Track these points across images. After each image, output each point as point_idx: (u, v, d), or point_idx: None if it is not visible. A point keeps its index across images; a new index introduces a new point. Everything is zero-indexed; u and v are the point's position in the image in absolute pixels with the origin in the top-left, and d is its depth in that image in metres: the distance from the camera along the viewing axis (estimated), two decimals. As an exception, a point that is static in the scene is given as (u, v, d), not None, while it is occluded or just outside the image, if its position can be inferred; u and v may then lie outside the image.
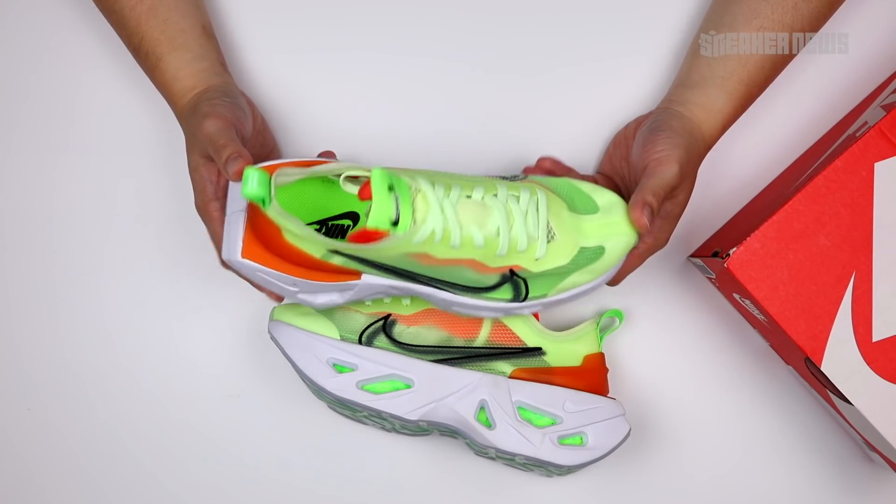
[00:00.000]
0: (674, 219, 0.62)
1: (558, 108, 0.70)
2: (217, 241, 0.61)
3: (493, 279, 0.58)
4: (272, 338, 0.64)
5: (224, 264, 0.61)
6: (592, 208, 0.61)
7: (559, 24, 0.71)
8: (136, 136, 0.70)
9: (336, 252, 0.55)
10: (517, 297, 0.59)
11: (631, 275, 0.69)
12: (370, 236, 0.54)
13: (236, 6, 0.70)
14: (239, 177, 0.54)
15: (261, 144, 0.64)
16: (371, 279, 0.57)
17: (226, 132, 0.57)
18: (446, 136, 0.70)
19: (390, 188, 0.54)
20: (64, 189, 0.70)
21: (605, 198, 0.61)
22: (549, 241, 0.58)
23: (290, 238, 0.55)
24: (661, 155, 0.59)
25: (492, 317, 0.61)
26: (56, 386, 0.70)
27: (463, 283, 0.58)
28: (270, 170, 0.56)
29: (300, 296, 0.59)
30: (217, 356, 0.70)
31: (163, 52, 0.62)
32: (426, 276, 0.58)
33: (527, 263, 0.58)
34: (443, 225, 0.55)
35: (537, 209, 0.58)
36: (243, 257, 0.56)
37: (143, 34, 0.63)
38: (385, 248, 0.54)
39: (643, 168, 0.59)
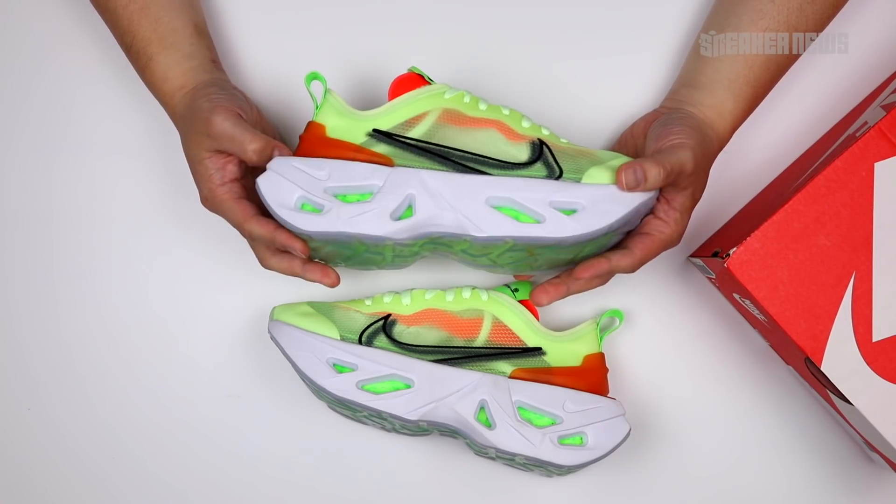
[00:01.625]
0: (687, 211, 0.61)
1: (559, 107, 0.70)
2: (235, 219, 0.61)
3: (524, 150, 0.60)
4: (272, 338, 0.64)
5: (252, 242, 0.62)
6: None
7: (560, 24, 0.71)
8: (135, 137, 0.70)
9: (375, 136, 0.60)
10: (552, 175, 0.59)
11: (631, 275, 0.69)
12: (410, 82, 0.61)
13: (235, 4, 0.70)
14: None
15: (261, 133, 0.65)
16: (402, 169, 0.59)
17: (241, 125, 0.59)
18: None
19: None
20: (64, 189, 0.70)
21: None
22: (567, 142, 0.62)
23: (331, 133, 0.60)
24: (675, 141, 0.59)
25: (534, 219, 0.58)
26: (56, 386, 0.70)
27: (496, 157, 0.59)
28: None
29: (327, 202, 0.58)
30: (217, 356, 0.70)
31: (153, 52, 0.63)
32: (458, 152, 0.59)
33: (552, 141, 0.61)
34: (471, 96, 0.61)
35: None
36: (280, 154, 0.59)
37: (134, 33, 0.63)
38: (421, 96, 0.60)
39: (655, 152, 0.59)
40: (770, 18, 0.63)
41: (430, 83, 0.61)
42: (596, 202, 0.58)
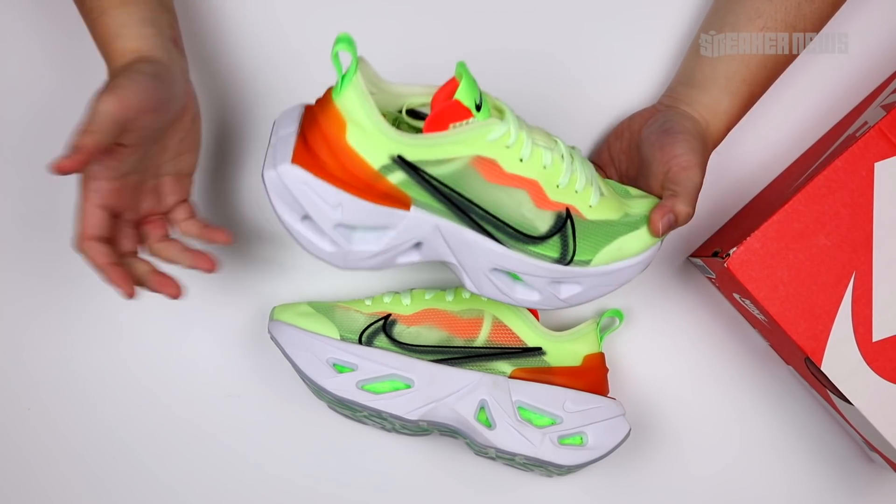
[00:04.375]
0: None
1: (558, 107, 0.70)
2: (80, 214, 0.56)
3: (546, 221, 0.57)
4: (272, 338, 0.64)
5: (80, 242, 0.56)
6: (626, 193, 0.62)
7: (558, 23, 0.71)
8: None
9: (398, 162, 0.53)
10: (563, 258, 0.57)
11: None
12: (452, 113, 0.54)
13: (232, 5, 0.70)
14: (59, 172, 0.52)
15: (179, 141, 0.60)
16: (418, 214, 0.55)
17: (101, 112, 0.53)
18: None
19: (474, 90, 0.55)
20: (64, 188, 0.70)
21: (636, 190, 0.62)
22: (601, 195, 0.59)
23: (352, 139, 0.53)
24: (684, 161, 0.59)
25: (528, 289, 0.59)
26: (57, 386, 0.70)
27: (514, 226, 0.56)
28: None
29: (335, 234, 0.55)
30: (217, 356, 0.70)
31: (110, 6, 0.58)
32: (479, 210, 0.56)
33: (581, 206, 0.58)
34: (517, 131, 0.56)
35: (588, 167, 0.60)
36: (293, 162, 0.53)
37: None
38: (461, 137, 0.54)
39: (664, 172, 0.59)
40: (767, 17, 0.63)
41: (474, 114, 0.54)
42: (593, 286, 0.59)
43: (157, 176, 0.60)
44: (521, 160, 0.56)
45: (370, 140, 0.53)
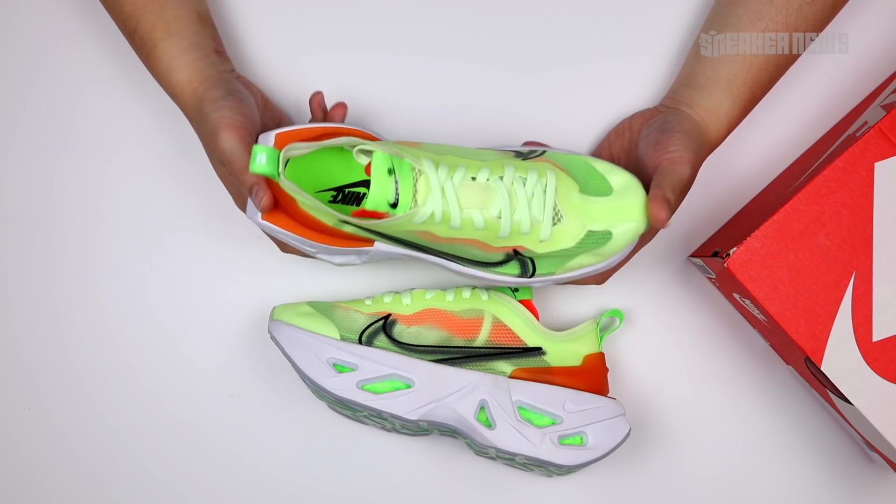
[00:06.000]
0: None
1: (558, 107, 0.70)
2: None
3: (498, 256, 0.60)
4: (272, 338, 0.64)
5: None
6: (606, 190, 0.60)
7: (559, 24, 0.71)
8: (136, 136, 0.70)
9: (347, 223, 0.58)
10: (524, 274, 0.60)
11: (631, 275, 0.69)
12: (371, 215, 0.58)
13: None
14: (267, 210, 0.58)
15: (269, 119, 0.64)
16: (383, 247, 0.59)
17: (240, 150, 0.58)
18: (447, 133, 0.70)
19: (390, 171, 0.57)
20: (65, 188, 0.70)
21: (620, 178, 0.60)
22: (554, 224, 0.59)
23: (304, 207, 0.58)
24: (675, 155, 0.59)
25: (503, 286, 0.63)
26: (56, 386, 0.70)
27: (470, 258, 0.60)
28: (281, 141, 0.59)
29: (319, 255, 0.61)
30: (217, 356, 0.70)
31: (158, 39, 0.62)
32: (435, 251, 0.60)
33: (531, 244, 0.59)
34: (442, 208, 0.57)
35: (545, 191, 0.59)
36: (263, 219, 0.58)
37: (139, 18, 0.62)
38: (387, 225, 0.57)
39: (655, 166, 0.59)
40: (768, 20, 0.63)
41: (391, 213, 0.57)
42: (568, 278, 0.62)
43: None
44: (452, 228, 0.58)
45: (317, 212, 0.58)
